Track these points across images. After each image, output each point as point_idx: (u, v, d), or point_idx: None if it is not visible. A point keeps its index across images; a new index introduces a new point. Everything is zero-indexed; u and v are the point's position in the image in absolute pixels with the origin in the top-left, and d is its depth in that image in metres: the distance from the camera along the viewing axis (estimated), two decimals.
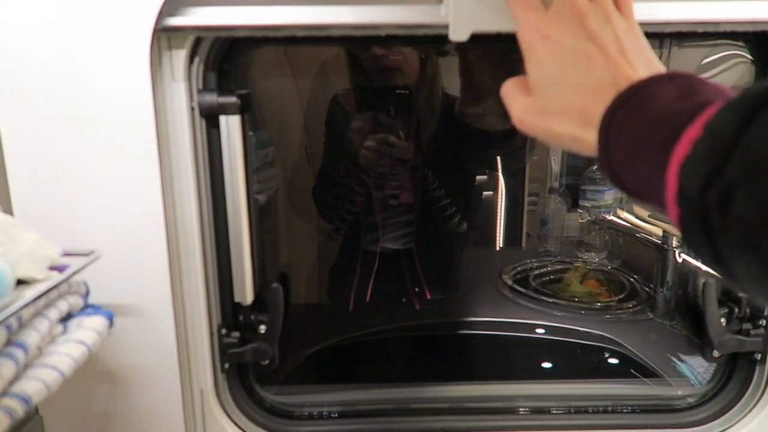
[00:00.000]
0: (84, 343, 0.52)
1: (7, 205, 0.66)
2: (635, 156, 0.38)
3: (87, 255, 0.58)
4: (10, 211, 0.66)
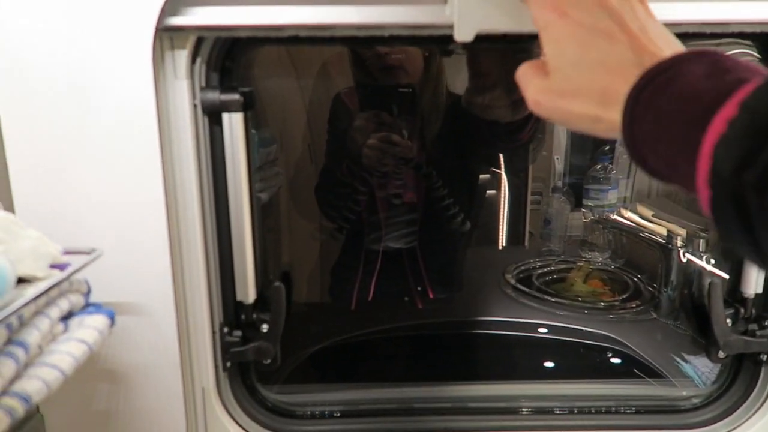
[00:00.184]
0: (85, 341, 0.52)
1: (9, 203, 0.65)
2: (662, 135, 0.37)
3: (88, 253, 0.58)
4: (12, 209, 0.66)
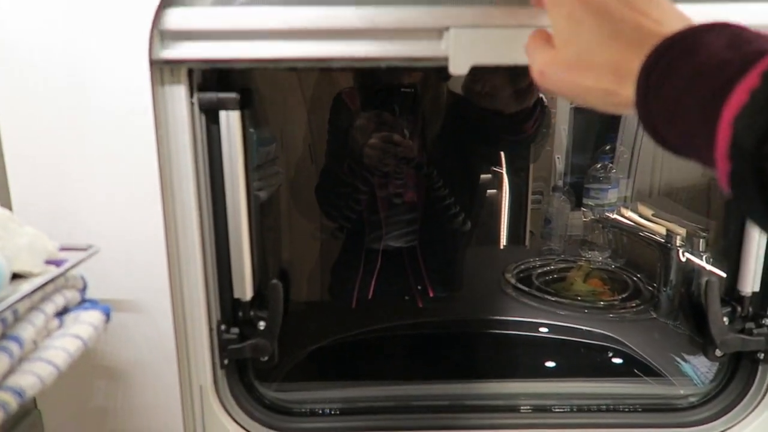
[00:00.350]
0: (80, 337, 0.52)
1: (6, 200, 0.66)
2: (679, 107, 0.36)
3: (85, 250, 0.58)
4: (10, 206, 0.66)
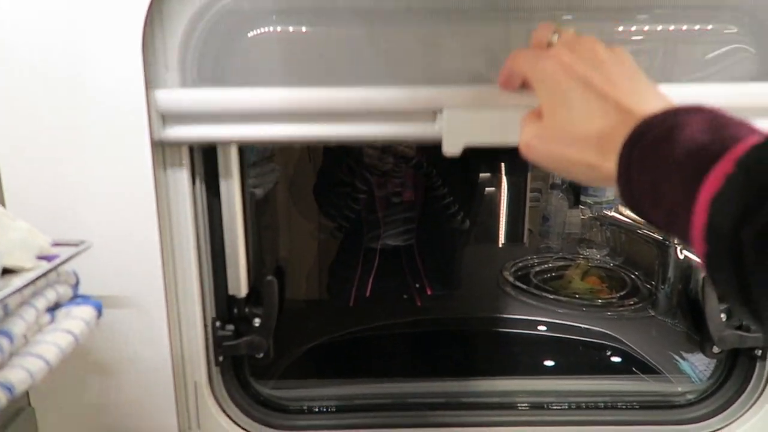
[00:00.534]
0: (71, 332, 0.52)
1: None
2: (659, 187, 0.37)
3: (77, 245, 0.58)
4: (2, 201, 0.66)
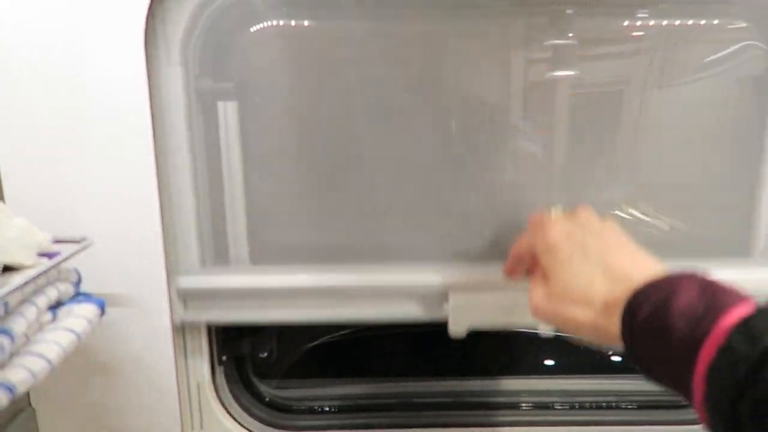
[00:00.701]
0: (73, 331, 0.51)
1: None
2: (661, 353, 0.37)
3: (78, 242, 0.57)
4: (1, 197, 0.65)
